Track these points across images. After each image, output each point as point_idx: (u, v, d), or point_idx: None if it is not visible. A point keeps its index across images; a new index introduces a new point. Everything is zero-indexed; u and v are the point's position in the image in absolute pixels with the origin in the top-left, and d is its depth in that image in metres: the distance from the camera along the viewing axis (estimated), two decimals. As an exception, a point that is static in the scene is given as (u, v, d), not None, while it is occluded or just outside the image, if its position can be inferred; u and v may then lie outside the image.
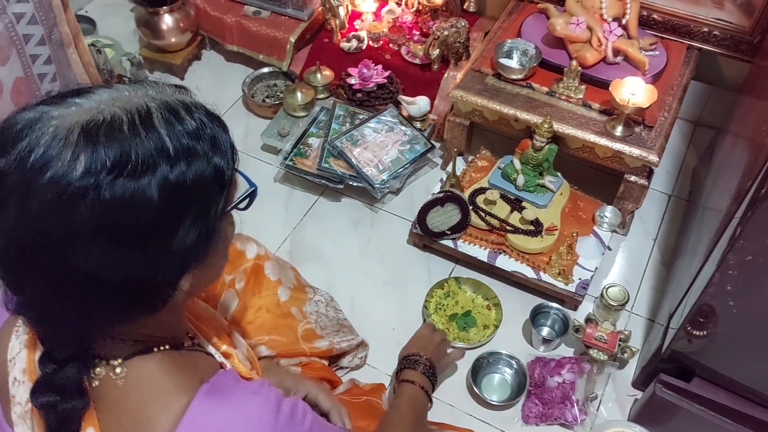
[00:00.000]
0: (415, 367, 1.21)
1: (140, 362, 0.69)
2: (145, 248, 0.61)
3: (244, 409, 0.67)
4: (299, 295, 1.33)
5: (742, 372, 1.17)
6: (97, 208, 0.57)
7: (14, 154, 0.58)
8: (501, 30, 1.75)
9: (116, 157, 0.58)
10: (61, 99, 0.62)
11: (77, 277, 0.60)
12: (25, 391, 0.70)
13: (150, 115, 0.61)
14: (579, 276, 1.50)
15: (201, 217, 0.64)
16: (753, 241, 0.96)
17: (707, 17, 1.66)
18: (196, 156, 0.62)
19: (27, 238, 0.59)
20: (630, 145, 1.49)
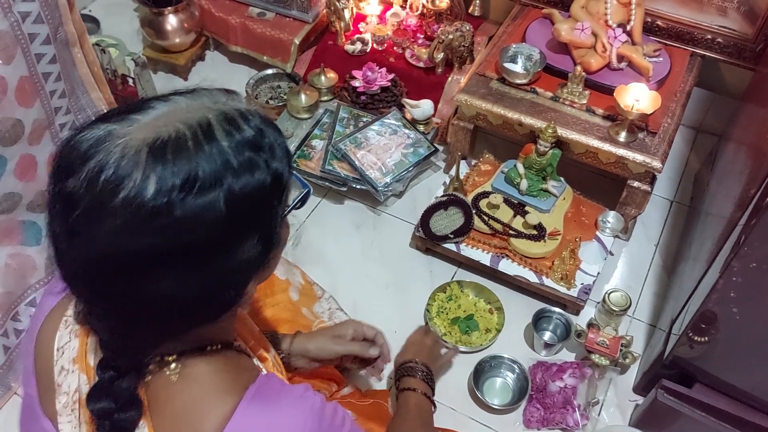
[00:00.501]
0: (413, 373, 1.20)
1: (194, 360, 0.70)
2: (215, 263, 0.61)
3: (290, 413, 0.69)
4: (309, 293, 1.33)
5: (744, 379, 1.17)
6: (169, 227, 0.57)
7: (83, 174, 0.58)
8: (506, 34, 1.76)
9: (185, 175, 0.58)
10: (119, 116, 0.61)
11: (148, 296, 0.60)
12: (74, 380, 0.71)
13: (211, 128, 0.61)
14: (581, 281, 1.50)
15: (265, 223, 0.65)
16: (757, 249, 0.96)
17: (711, 24, 1.67)
18: (257, 165, 0.62)
19: (98, 260, 0.59)
20: (633, 150, 1.49)
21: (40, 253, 1.46)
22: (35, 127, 1.35)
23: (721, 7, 1.64)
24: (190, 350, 0.70)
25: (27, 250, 1.44)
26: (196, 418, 0.67)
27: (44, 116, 1.37)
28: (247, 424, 0.66)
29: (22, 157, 1.35)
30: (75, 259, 0.60)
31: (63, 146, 0.61)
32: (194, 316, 0.65)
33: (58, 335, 0.73)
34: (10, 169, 1.33)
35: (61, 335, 0.73)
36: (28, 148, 1.36)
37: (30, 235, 1.45)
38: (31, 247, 1.45)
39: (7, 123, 1.28)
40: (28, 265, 1.44)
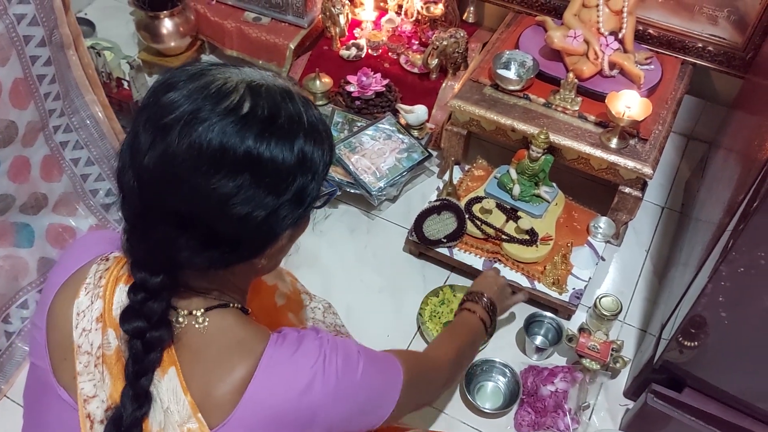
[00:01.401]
0: (478, 301, 1.26)
1: (220, 314, 0.76)
2: (272, 192, 0.70)
3: (311, 350, 0.76)
4: (296, 300, 1.33)
5: (733, 383, 1.18)
6: (250, 146, 0.67)
7: (187, 90, 0.68)
8: (499, 41, 1.77)
9: (272, 110, 0.69)
10: (219, 64, 0.73)
11: (213, 200, 0.67)
12: (97, 338, 0.76)
13: (292, 94, 0.73)
14: (573, 286, 1.51)
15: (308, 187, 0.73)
16: (745, 253, 0.97)
17: (702, 33, 1.69)
18: (319, 138, 0.73)
19: (182, 158, 0.66)
20: (625, 157, 1.51)
21: (33, 255, 1.46)
22: (29, 129, 1.35)
23: (711, 16, 1.66)
24: (216, 306, 0.77)
25: (19, 251, 1.44)
26: (229, 364, 0.73)
27: (38, 118, 1.37)
28: (275, 365, 0.74)
29: (15, 159, 1.35)
30: (159, 155, 0.67)
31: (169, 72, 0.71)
32: (230, 243, 0.71)
33: (77, 302, 0.78)
34: (3, 170, 1.33)
35: (80, 302, 0.78)
36: (22, 149, 1.36)
37: (22, 237, 1.45)
38: (24, 249, 1.45)
39: (0, 124, 1.28)
40: (20, 266, 1.44)
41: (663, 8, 1.70)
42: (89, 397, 0.75)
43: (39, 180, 1.43)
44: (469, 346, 1.19)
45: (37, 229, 1.47)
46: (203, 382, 0.73)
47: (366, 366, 0.80)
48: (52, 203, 1.49)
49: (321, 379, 0.74)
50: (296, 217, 0.74)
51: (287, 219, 0.73)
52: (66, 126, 1.47)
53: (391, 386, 0.84)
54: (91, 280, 0.79)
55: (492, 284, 1.32)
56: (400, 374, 0.86)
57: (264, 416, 0.72)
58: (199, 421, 0.72)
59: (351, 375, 0.78)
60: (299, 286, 1.40)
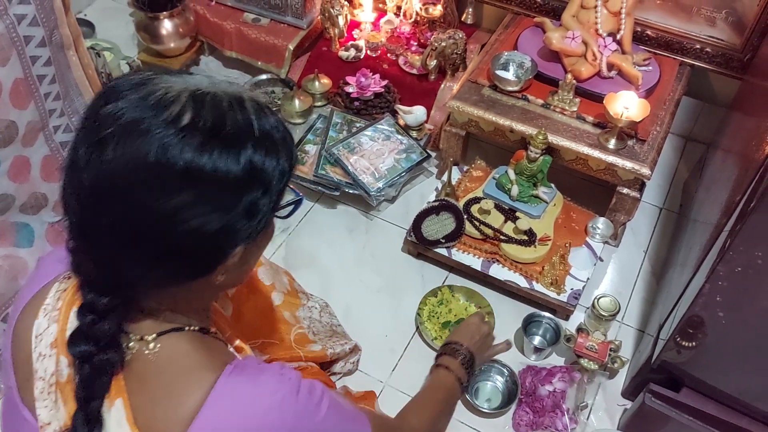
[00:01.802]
0: (455, 355, 1.21)
1: (172, 339, 0.73)
2: (217, 207, 0.66)
3: (267, 387, 0.71)
4: (292, 300, 1.34)
5: (731, 383, 1.18)
6: (191, 159, 0.63)
7: (126, 101, 0.64)
8: (498, 42, 1.78)
9: (215, 121, 0.65)
10: (168, 71, 0.70)
11: (154, 217, 0.64)
12: (51, 364, 0.73)
13: (243, 101, 0.68)
14: (571, 286, 1.52)
15: (263, 199, 0.69)
16: (742, 253, 0.98)
17: (700, 34, 1.70)
18: (273, 147, 0.69)
19: (120, 173, 0.63)
20: (623, 158, 1.51)
21: (32, 255, 1.46)
22: (29, 129, 1.36)
23: (709, 18, 1.67)
24: (170, 330, 0.73)
25: (19, 251, 1.44)
26: (177, 395, 0.69)
27: (38, 118, 1.38)
28: (226, 399, 0.68)
29: (15, 159, 1.35)
30: (96, 172, 0.64)
31: (111, 81, 0.68)
32: (184, 256, 0.68)
33: (36, 323, 0.75)
34: (4, 170, 1.33)
35: (39, 323, 0.75)
36: (22, 149, 1.37)
37: (22, 237, 1.45)
38: (24, 249, 1.45)
39: (0, 125, 1.28)
40: (19, 266, 1.44)
41: (661, 9, 1.70)
42: (45, 424, 0.73)
43: (39, 180, 1.44)
44: (446, 412, 1.15)
45: (37, 229, 1.47)
46: (151, 414, 0.69)
47: (329, 414, 0.75)
48: (52, 203, 1.49)
49: (276, 419, 0.69)
50: (249, 231, 0.70)
51: (239, 234, 0.69)
52: (66, 126, 1.48)
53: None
54: (50, 301, 0.76)
55: (474, 333, 1.27)
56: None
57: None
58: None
59: (310, 419, 0.72)
60: (296, 286, 1.41)
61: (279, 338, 1.25)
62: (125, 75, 0.69)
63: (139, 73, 0.68)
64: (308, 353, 1.27)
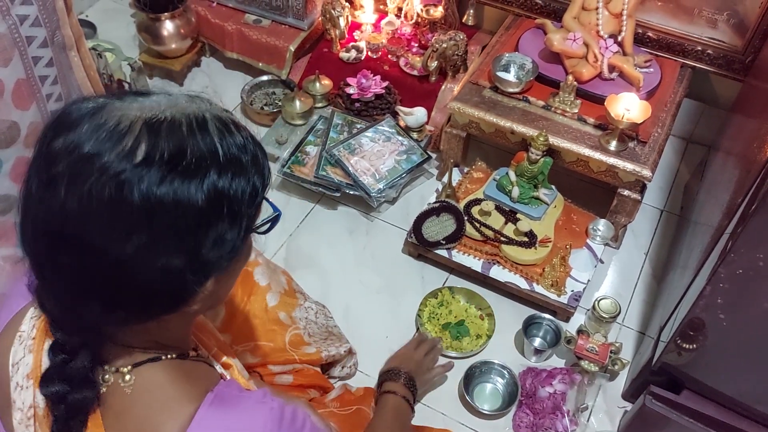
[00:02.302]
0: (396, 379, 1.24)
1: (149, 370, 0.70)
2: (181, 243, 0.62)
3: (249, 417, 0.68)
4: (289, 300, 1.33)
5: (731, 385, 1.18)
6: (149, 196, 0.59)
7: (76, 135, 0.59)
8: (499, 44, 1.78)
9: (174, 151, 0.60)
10: (122, 95, 0.64)
11: (111, 261, 0.60)
12: (29, 396, 0.70)
13: (205, 122, 0.64)
14: (571, 288, 1.52)
15: (231, 228, 0.65)
16: (743, 255, 0.98)
17: (701, 36, 1.70)
18: (241, 169, 0.64)
19: (73, 215, 0.59)
20: (624, 159, 1.51)
21: (34, 256, 1.46)
22: (31, 130, 1.36)
23: (711, 20, 1.66)
24: (145, 361, 0.70)
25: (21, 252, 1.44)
26: (153, 428, 0.66)
27: (40, 119, 1.38)
28: (207, 426, 0.66)
29: (17, 160, 1.36)
30: (48, 212, 0.60)
31: (60, 111, 0.63)
32: (149, 297, 0.64)
33: (13, 351, 0.72)
34: (6, 171, 1.34)
35: (15, 351, 0.72)
36: (24, 150, 1.37)
37: (23, 238, 1.45)
38: (25, 250, 1.45)
39: (2, 125, 1.28)
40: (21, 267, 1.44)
41: (662, 11, 1.70)
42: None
43: (40, 181, 1.44)
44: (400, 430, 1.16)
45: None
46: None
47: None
48: (53, 204, 1.50)
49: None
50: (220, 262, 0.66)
51: (208, 267, 0.65)
52: (67, 127, 1.48)
53: None
54: (26, 328, 0.73)
55: (408, 359, 1.30)
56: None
57: None
58: None
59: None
60: (294, 285, 1.40)
61: (272, 340, 1.25)
62: (76, 101, 0.63)
63: (96, 98, 0.64)
64: (303, 356, 1.26)
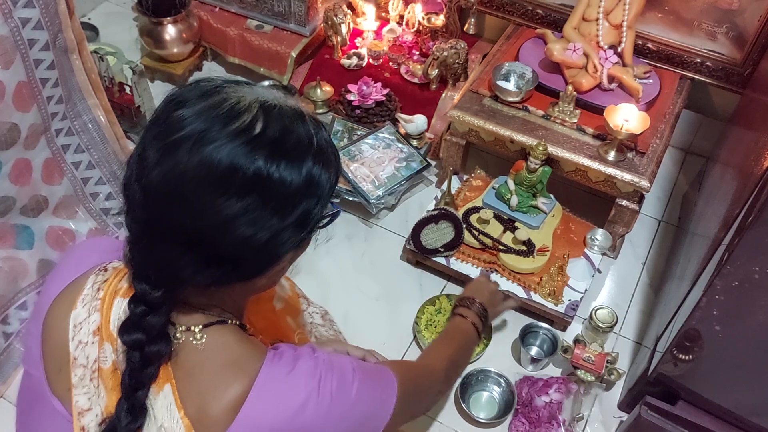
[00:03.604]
0: (470, 306, 1.27)
1: (218, 331, 0.76)
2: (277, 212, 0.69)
3: (307, 370, 0.75)
4: (294, 304, 1.34)
5: (727, 397, 1.18)
6: (261, 166, 0.67)
7: (200, 107, 0.68)
8: (499, 53, 1.78)
9: (283, 132, 0.69)
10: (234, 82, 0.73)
11: (217, 221, 0.67)
12: (94, 351, 0.75)
13: (304, 116, 0.73)
14: (569, 297, 1.52)
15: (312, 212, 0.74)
16: (740, 267, 0.98)
17: (700, 48, 1.71)
18: (328, 162, 0.74)
19: (191, 176, 0.66)
20: (622, 170, 1.51)
21: (32, 257, 1.46)
22: (31, 132, 1.36)
23: (710, 32, 1.67)
24: (215, 322, 0.76)
25: (19, 253, 1.44)
26: (224, 383, 0.72)
27: (40, 121, 1.38)
28: (271, 384, 0.73)
29: (17, 161, 1.36)
30: (167, 172, 0.67)
31: (181, 88, 0.71)
32: (233, 263, 0.71)
33: (74, 314, 0.77)
34: (5, 172, 1.34)
35: (77, 313, 0.77)
36: (24, 152, 1.37)
37: (23, 239, 1.46)
38: (24, 251, 1.45)
39: (3, 127, 1.29)
40: (19, 268, 1.44)
41: (662, 23, 1.71)
42: (84, 410, 0.75)
43: (40, 182, 1.44)
44: (463, 351, 1.19)
45: (37, 231, 1.48)
46: (198, 399, 0.72)
47: (361, 384, 0.79)
48: (53, 206, 1.50)
49: (315, 399, 0.74)
50: (299, 239, 0.74)
51: (290, 242, 0.73)
52: (68, 129, 1.48)
53: (386, 400, 0.84)
54: (89, 292, 0.78)
55: (483, 289, 1.33)
56: (395, 387, 0.85)
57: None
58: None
59: (346, 394, 0.77)
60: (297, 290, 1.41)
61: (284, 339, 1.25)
62: (192, 83, 0.72)
63: (210, 81, 0.72)
64: None
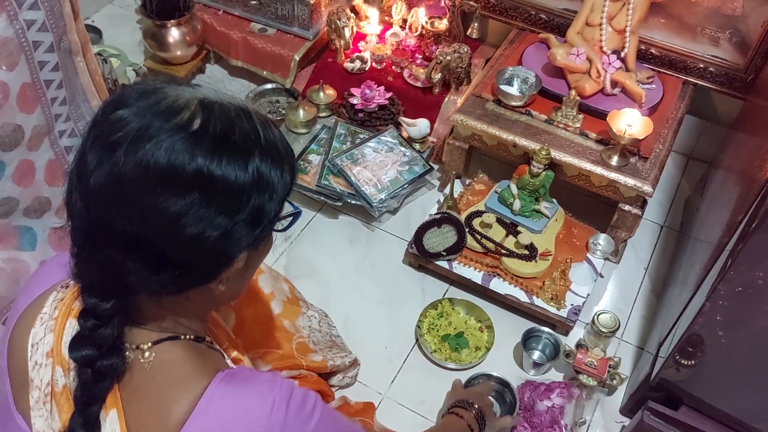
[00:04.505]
0: (468, 408, 1.22)
1: (168, 347, 0.73)
2: (224, 209, 0.67)
3: (258, 395, 0.71)
4: (292, 308, 1.34)
5: (729, 402, 1.18)
6: (202, 162, 0.65)
7: (137, 107, 0.66)
8: (502, 57, 1.79)
9: (225, 127, 0.67)
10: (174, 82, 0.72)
11: (161, 222, 0.65)
12: (47, 374, 0.73)
13: (249, 112, 0.71)
14: (571, 302, 1.52)
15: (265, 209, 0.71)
16: (743, 273, 0.98)
17: (703, 54, 1.71)
18: (279, 158, 0.71)
19: (130, 176, 0.64)
20: (625, 175, 1.52)
21: (35, 259, 1.46)
22: (35, 133, 1.36)
23: (713, 38, 1.68)
24: (165, 339, 0.74)
25: (21, 255, 1.44)
26: (167, 403, 0.70)
27: (44, 123, 1.38)
28: (215, 406, 0.69)
29: (20, 163, 1.36)
30: (106, 174, 0.65)
31: (120, 90, 0.71)
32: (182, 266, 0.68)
33: (33, 332, 0.75)
34: (9, 173, 1.34)
35: (35, 332, 0.75)
36: (27, 153, 1.37)
37: (25, 241, 1.46)
38: (26, 252, 1.45)
39: (7, 128, 1.29)
40: (21, 270, 1.44)
41: (665, 28, 1.71)
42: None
43: (43, 184, 1.44)
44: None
45: (40, 232, 1.48)
46: (142, 422, 0.70)
47: (321, 424, 0.74)
48: (55, 207, 1.50)
49: (264, 427, 0.69)
50: (253, 238, 0.71)
51: (243, 240, 0.70)
52: (71, 131, 1.48)
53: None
54: (47, 310, 0.76)
55: (483, 396, 1.29)
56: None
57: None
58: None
59: (300, 429, 0.72)
60: (297, 293, 1.41)
61: (280, 347, 1.25)
62: (132, 84, 0.70)
63: (146, 83, 0.71)
64: (310, 363, 1.27)
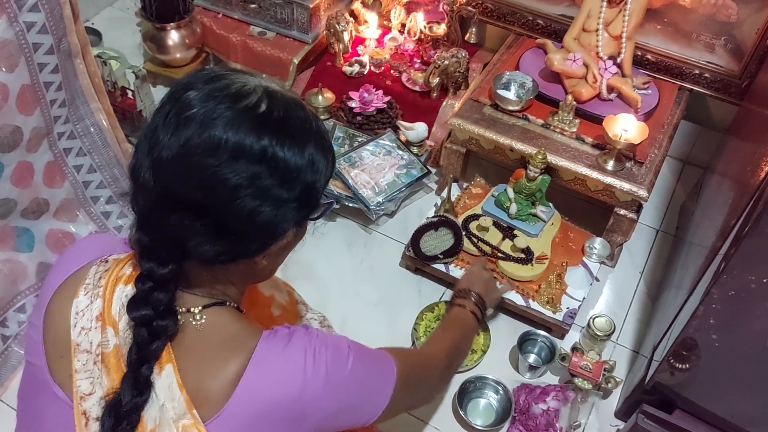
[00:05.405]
0: (466, 297, 1.30)
1: (216, 311, 0.79)
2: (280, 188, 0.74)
3: (300, 345, 0.78)
4: (292, 311, 1.34)
5: (723, 406, 1.19)
6: (267, 142, 0.72)
7: (206, 90, 0.72)
8: (500, 62, 1.80)
9: (286, 114, 0.75)
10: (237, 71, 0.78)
11: (223, 190, 0.71)
12: (96, 336, 0.77)
13: (303, 105, 0.78)
14: (567, 305, 1.53)
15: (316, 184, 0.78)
16: (736, 277, 0.99)
17: (699, 60, 1.72)
18: (327, 149, 0.79)
19: (201, 148, 0.70)
20: (621, 179, 1.52)
21: (32, 260, 1.46)
22: (33, 135, 1.37)
23: (709, 44, 1.69)
24: (213, 303, 0.80)
25: (19, 256, 1.45)
26: (222, 360, 0.75)
27: (43, 124, 1.39)
28: (265, 358, 0.76)
29: (19, 164, 1.37)
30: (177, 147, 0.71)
31: (188, 75, 0.76)
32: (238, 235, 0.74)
33: (75, 302, 0.79)
34: (7, 175, 1.35)
35: (79, 301, 0.80)
36: (26, 155, 1.38)
37: (23, 242, 1.46)
38: (23, 254, 1.45)
39: (6, 129, 1.29)
40: (19, 271, 1.45)
41: (661, 34, 1.73)
42: (86, 395, 0.76)
43: (41, 185, 1.45)
44: (463, 340, 1.21)
45: (38, 234, 1.48)
46: (197, 377, 0.75)
47: (356, 361, 0.81)
48: (53, 209, 1.50)
49: (311, 372, 0.76)
50: (300, 216, 0.78)
51: (291, 218, 0.77)
52: (70, 133, 1.49)
53: (383, 382, 0.85)
54: (91, 281, 0.81)
55: (477, 279, 1.36)
56: (394, 371, 0.86)
57: (255, 410, 0.74)
58: (194, 417, 0.73)
59: (341, 369, 0.79)
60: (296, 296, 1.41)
61: None
62: (198, 71, 0.76)
63: (210, 70, 0.76)
64: None
